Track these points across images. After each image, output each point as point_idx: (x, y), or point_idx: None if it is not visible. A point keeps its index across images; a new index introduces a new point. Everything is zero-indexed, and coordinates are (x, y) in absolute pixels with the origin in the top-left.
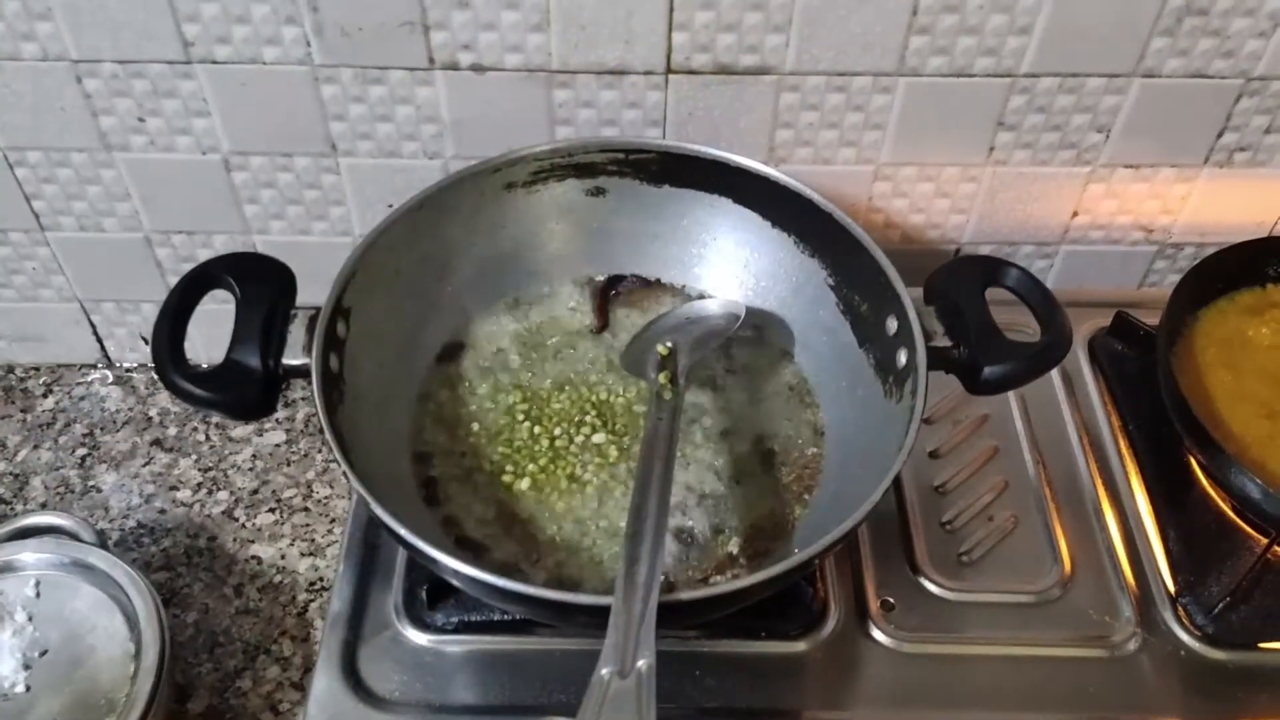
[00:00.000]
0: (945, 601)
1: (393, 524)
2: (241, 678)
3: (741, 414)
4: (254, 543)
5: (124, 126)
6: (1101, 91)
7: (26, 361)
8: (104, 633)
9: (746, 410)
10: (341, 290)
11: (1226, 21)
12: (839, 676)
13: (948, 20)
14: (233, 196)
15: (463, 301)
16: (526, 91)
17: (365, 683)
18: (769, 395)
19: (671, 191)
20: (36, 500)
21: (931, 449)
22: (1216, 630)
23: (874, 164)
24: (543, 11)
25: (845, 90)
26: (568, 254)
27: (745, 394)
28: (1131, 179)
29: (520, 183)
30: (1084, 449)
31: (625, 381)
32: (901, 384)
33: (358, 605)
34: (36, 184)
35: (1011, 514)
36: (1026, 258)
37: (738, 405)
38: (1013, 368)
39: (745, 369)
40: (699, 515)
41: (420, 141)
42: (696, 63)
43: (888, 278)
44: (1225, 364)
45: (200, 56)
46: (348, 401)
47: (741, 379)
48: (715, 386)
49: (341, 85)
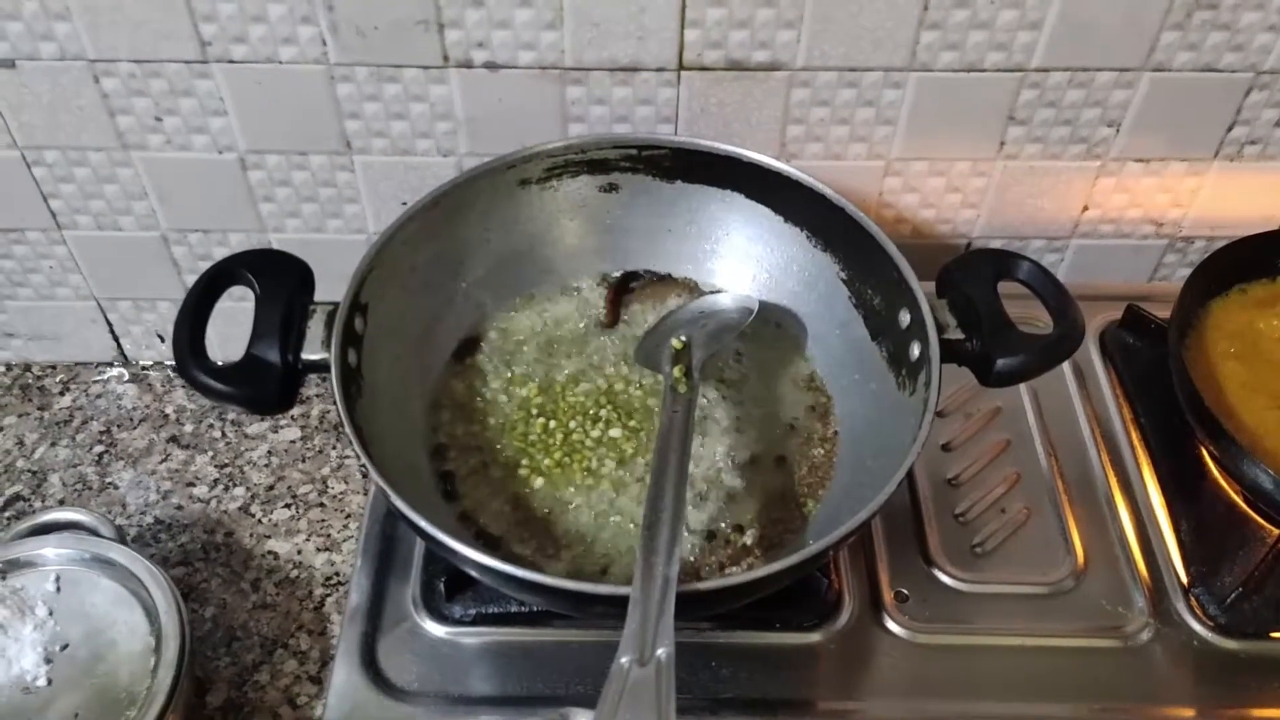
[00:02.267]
0: (959, 593)
1: (413, 516)
2: (259, 671)
3: (755, 407)
4: (270, 538)
5: (141, 125)
6: (1112, 86)
7: (44, 360)
8: (124, 627)
9: (760, 404)
10: (359, 286)
11: (1237, 15)
12: (853, 667)
13: (959, 15)
14: (249, 195)
15: (478, 297)
16: (540, 89)
17: (384, 674)
18: (782, 389)
19: (684, 187)
20: (55, 497)
21: (944, 442)
22: (1229, 620)
23: (885, 159)
24: (556, 9)
25: (856, 86)
26: (582, 250)
27: (758, 388)
28: (1142, 173)
29: (534, 179)
30: (1096, 441)
31: (640, 376)
32: (914, 377)
33: (376, 598)
34: (54, 183)
35: (1024, 506)
36: (1037, 252)
37: (751, 399)
38: (1025, 360)
39: (758, 363)
40: (714, 508)
41: (434, 139)
42: (709, 59)
43: (900, 271)
44: (1236, 356)
45: (217, 56)
46: (365, 396)
47: (754, 373)
48: (728, 380)
49: (356, 84)
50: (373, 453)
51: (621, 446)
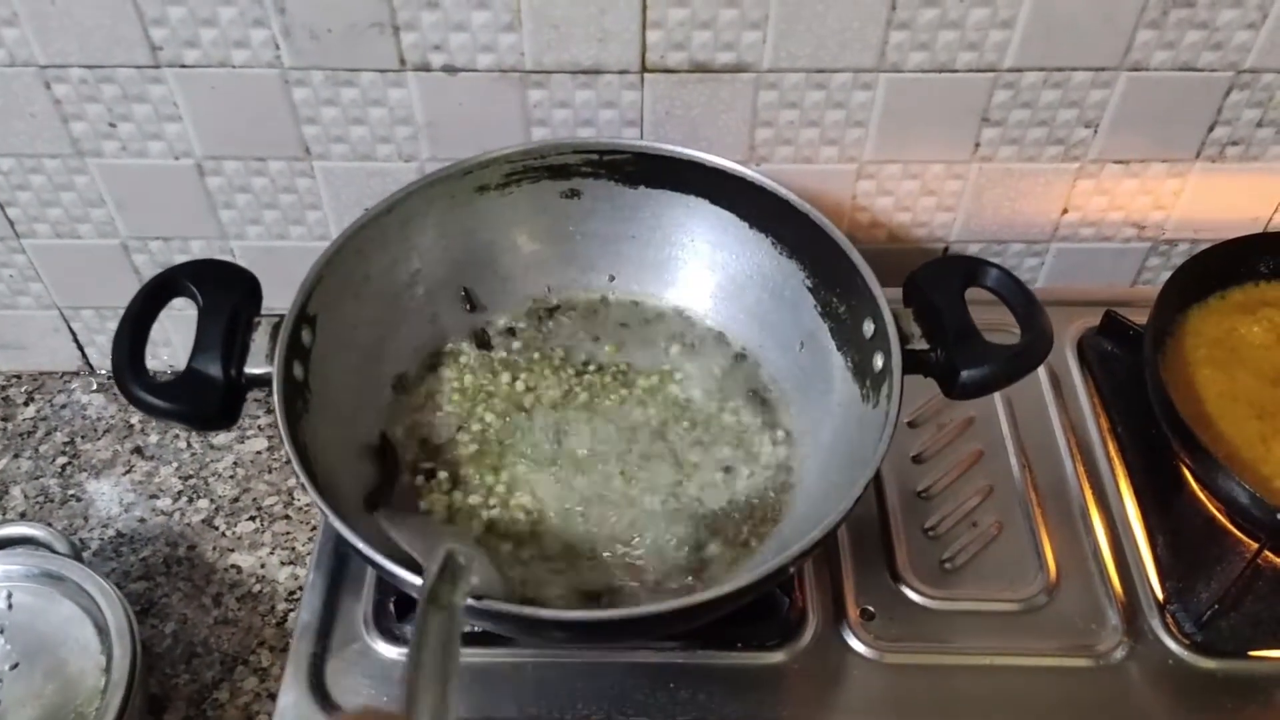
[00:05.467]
0: (927, 610)
1: (352, 538)
2: (219, 689)
3: (712, 420)
4: (234, 551)
5: (95, 132)
6: (1088, 86)
7: (7, 369)
8: (76, 645)
9: (718, 416)
10: (306, 297)
11: (1214, 13)
12: (817, 687)
13: (928, 14)
14: (208, 201)
15: (434, 307)
16: (500, 92)
17: (333, 696)
18: (742, 400)
19: (647, 193)
20: (16, 509)
21: (914, 453)
22: (1205, 638)
23: (857, 162)
24: (513, 11)
25: (825, 87)
26: (542, 258)
27: (716, 400)
28: (1122, 175)
29: (493, 185)
30: (1071, 452)
31: (599, 386)
32: (878, 388)
33: (327, 616)
34: (10, 191)
35: (996, 519)
36: (1016, 255)
37: (707, 412)
38: (991, 370)
39: (717, 374)
40: (671, 525)
41: (395, 144)
42: (672, 61)
43: (864, 279)
44: (1216, 363)
45: (169, 60)
46: (314, 410)
47: (713, 383)
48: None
49: (313, 88)
50: (317, 470)
51: (582, 457)
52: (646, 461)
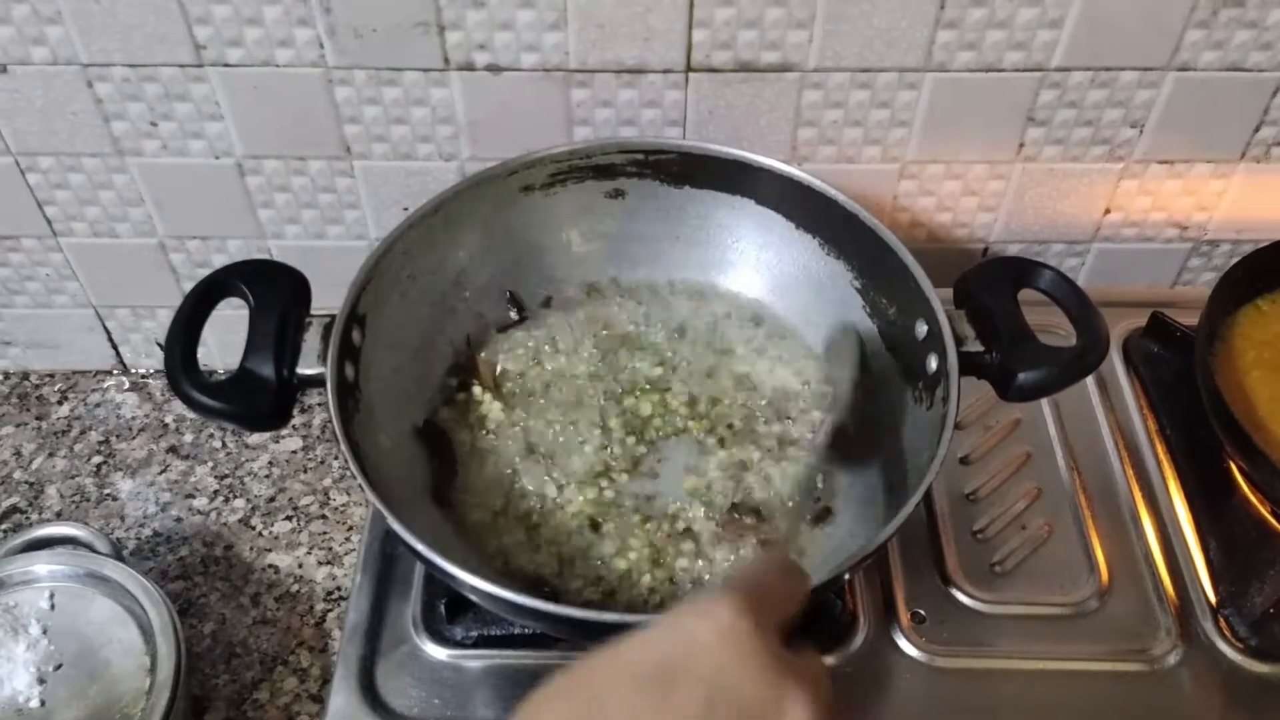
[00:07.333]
0: (977, 613)
1: (410, 539)
2: (259, 689)
3: (768, 423)
4: (271, 551)
5: (136, 131)
6: (1135, 86)
7: (41, 369)
8: (119, 645)
9: (774, 418)
10: (356, 297)
11: (1264, 13)
12: (868, 691)
13: (976, 14)
14: (247, 201)
15: (479, 307)
16: (543, 91)
17: (383, 698)
18: (797, 400)
19: (692, 193)
20: (52, 509)
21: (962, 455)
22: (1259, 642)
23: (900, 162)
24: (559, 10)
25: (870, 87)
26: (587, 258)
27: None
28: (1165, 175)
29: (538, 185)
30: (1120, 454)
31: (647, 387)
32: (932, 390)
33: (375, 618)
34: (49, 190)
35: (1045, 522)
36: (1057, 256)
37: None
38: (1047, 374)
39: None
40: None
41: (436, 143)
42: (717, 60)
43: (916, 280)
44: (1267, 365)
45: (212, 60)
46: (363, 410)
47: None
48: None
49: (355, 87)
50: (369, 469)
51: (631, 461)
52: (699, 458)
